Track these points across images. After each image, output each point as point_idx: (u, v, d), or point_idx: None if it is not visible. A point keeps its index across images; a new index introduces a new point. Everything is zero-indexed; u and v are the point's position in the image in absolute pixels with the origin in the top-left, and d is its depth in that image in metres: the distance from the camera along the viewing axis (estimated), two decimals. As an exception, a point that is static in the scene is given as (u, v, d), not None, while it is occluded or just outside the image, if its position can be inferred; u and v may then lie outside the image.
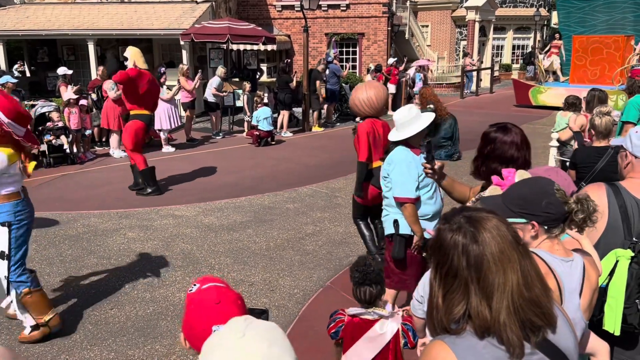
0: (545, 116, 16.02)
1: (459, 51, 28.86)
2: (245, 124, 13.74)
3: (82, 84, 13.14)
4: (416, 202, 3.87)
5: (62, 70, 12.09)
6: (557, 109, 15.95)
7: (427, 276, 2.55)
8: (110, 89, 11.14)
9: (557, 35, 20.49)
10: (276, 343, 1.19)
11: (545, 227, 1.91)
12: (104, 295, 5.16)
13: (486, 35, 28.36)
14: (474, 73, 23.62)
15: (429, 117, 3.87)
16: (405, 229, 3.93)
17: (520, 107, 18.51)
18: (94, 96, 11.79)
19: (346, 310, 2.93)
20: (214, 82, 13.25)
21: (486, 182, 2.87)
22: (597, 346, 2.06)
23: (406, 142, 3.90)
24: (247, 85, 13.83)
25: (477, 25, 26.35)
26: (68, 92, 11.24)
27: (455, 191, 3.10)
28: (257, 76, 16.05)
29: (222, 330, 1.26)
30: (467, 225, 1.40)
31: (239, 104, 14.19)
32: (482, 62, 26.07)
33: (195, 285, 1.67)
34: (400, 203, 3.89)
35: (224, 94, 13.35)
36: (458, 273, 1.38)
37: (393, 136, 3.96)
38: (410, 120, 3.83)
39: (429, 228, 3.88)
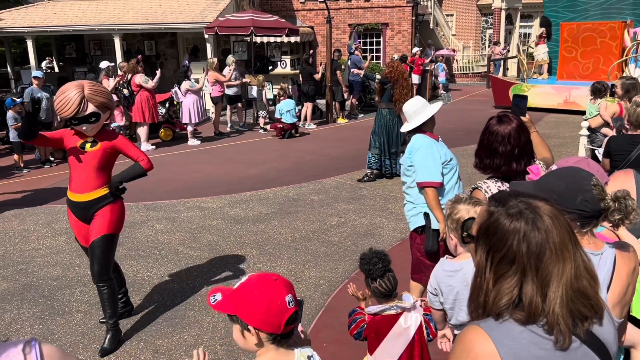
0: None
1: (485, 40, 28.43)
2: (261, 120, 13.69)
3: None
4: (439, 187, 3.79)
5: (104, 64, 12.25)
6: (544, 110, 14.79)
7: (437, 268, 2.52)
8: (145, 81, 11.27)
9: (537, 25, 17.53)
10: None
11: (578, 224, 1.83)
12: (132, 286, 5.24)
13: (513, 24, 27.86)
14: (501, 62, 23.26)
15: (438, 104, 4.02)
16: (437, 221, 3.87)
17: (500, 108, 16.95)
18: (125, 91, 11.93)
19: (365, 309, 2.86)
20: (224, 72, 13.17)
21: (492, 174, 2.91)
22: (637, 337, 2.00)
23: (421, 130, 3.96)
24: (261, 78, 13.77)
25: (503, 13, 25.88)
26: (110, 85, 11.44)
27: (537, 149, 3.01)
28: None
29: None
30: (527, 211, 1.37)
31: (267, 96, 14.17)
32: (509, 51, 25.64)
33: (215, 294, 1.70)
34: (421, 188, 3.83)
35: (236, 82, 13.17)
36: (517, 259, 1.35)
37: (406, 127, 4.04)
38: (419, 109, 3.95)
39: None
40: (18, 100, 9.89)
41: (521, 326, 1.34)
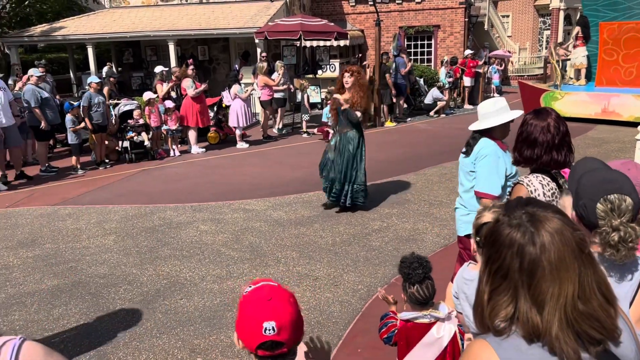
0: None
1: (542, 41, 27.54)
2: (304, 123, 13.69)
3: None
4: (498, 199, 3.56)
5: (158, 68, 12.67)
6: (578, 120, 13.06)
7: (458, 273, 2.45)
8: (189, 87, 11.53)
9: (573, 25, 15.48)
10: None
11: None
12: (174, 285, 5.36)
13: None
14: (565, 63, 22.47)
15: (516, 112, 3.66)
16: None
17: None
18: (173, 94, 12.27)
19: (398, 314, 2.80)
20: (272, 76, 13.28)
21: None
22: None
23: (490, 135, 3.68)
24: (305, 83, 13.80)
25: (562, 14, 25.00)
26: (164, 90, 11.78)
27: None
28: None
29: None
30: (527, 223, 1.27)
31: (312, 100, 14.21)
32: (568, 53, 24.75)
33: (249, 287, 1.67)
34: (479, 198, 3.66)
35: (282, 87, 13.23)
36: (509, 274, 1.26)
37: (475, 125, 3.72)
38: (494, 112, 3.63)
39: None
40: (75, 103, 10.33)
41: (529, 342, 1.26)
